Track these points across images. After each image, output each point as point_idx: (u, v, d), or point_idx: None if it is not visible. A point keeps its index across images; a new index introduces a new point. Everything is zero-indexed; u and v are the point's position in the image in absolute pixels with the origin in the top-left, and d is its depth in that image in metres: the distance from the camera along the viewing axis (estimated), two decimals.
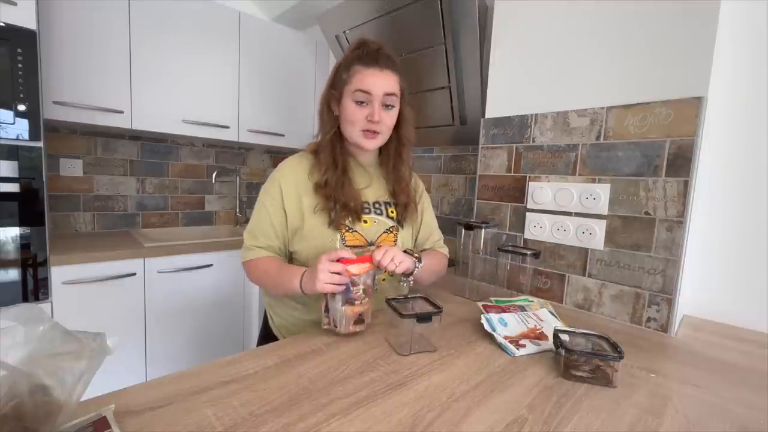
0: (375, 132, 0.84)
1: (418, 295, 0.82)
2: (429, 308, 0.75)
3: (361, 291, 0.75)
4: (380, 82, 0.81)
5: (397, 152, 0.92)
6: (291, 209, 0.86)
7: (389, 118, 0.85)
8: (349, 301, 0.75)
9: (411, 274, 0.83)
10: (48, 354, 0.42)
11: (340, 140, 0.88)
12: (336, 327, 0.76)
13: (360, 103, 0.82)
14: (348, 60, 0.84)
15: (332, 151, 0.86)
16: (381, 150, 0.94)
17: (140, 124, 1.66)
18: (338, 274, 0.72)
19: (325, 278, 0.71)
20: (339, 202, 0.84)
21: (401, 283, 0.90)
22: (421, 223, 1.02)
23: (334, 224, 0.84)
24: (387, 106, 0.84)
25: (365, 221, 0.88)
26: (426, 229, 1.03)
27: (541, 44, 1.13)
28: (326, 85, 0.88)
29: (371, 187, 0.92)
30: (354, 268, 0.74)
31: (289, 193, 0.86)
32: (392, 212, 0.93)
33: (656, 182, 0.92)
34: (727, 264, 1.00)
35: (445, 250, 1.05)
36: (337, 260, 0.73)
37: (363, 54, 0.82)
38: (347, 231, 0.86)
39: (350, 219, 0.85)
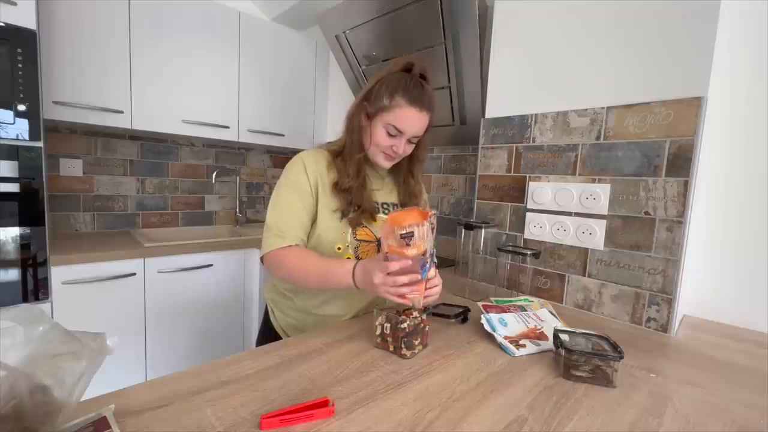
0: (394, 157, 0.90)
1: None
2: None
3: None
4: (416, 125, 0.85)
5: (408, 169, 0.97)
6: (314, 198, 0.88)
7: (410, 149, 0.91)
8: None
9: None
10: (48, 354, 0.41)
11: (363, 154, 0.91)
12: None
13: (390, 135, 0.86)
14: (393, 83, 0.84)
15: (358, 164, 0.89)
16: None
17: (140, 124, 1.66)
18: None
19: (385, 290, 0.70)
20: (356, 204, 0.88)
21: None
22: None
23: (352, 222, 0.88)
24: (412, 143, 0.89)
25: (375, 219, 0.92)
26: None
27: (541, 44, 1.13)
28: (362, 94, 0.89)
29: (382, 191, 0.97)
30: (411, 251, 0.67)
31: (314, 182, 0.89)
32: None
33: (656, 182, 0.91)
34: (727, 264, 1.00)
35: None
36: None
37: (410, 85, 0.83)
38: (358, 226, 0.89)
39: (365, 219, 0.89)
